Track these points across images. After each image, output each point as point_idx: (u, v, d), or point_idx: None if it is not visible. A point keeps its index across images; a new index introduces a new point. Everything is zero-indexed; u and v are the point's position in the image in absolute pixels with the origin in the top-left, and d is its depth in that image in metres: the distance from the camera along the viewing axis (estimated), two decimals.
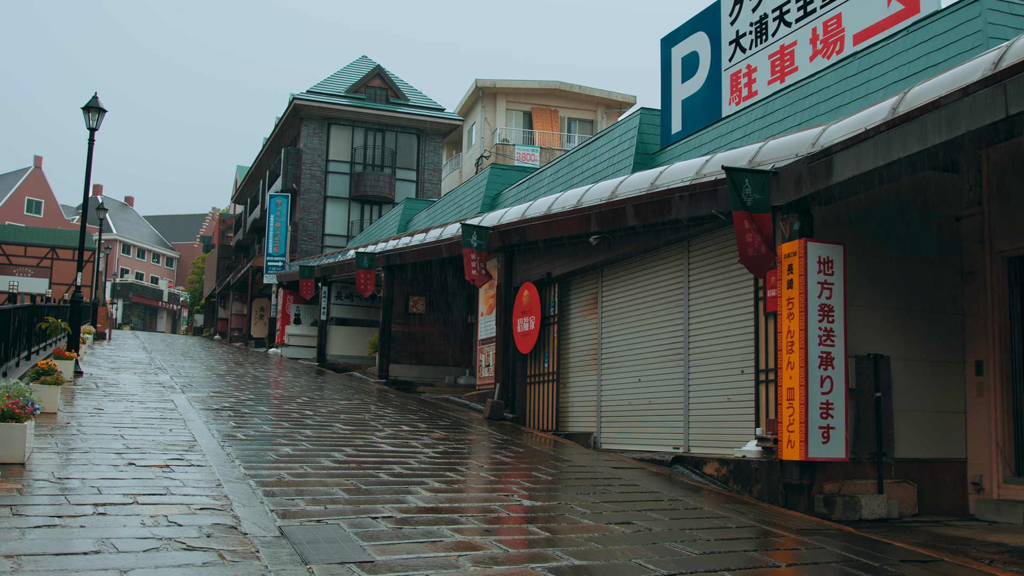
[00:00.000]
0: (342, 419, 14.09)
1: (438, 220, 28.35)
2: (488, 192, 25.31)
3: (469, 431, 14.04)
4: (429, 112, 48.27)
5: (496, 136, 50.76)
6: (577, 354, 15.44)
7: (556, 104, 52.97)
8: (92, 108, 18.42)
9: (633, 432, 13.62)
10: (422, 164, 48.15)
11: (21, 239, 55.05)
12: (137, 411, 12.99)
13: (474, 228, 16.90)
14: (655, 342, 13.33)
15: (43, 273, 54.47)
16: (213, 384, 18.40)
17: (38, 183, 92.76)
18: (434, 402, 18.59)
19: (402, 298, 24.08)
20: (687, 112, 17.68)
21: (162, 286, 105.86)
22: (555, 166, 22.34)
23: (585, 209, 13.91)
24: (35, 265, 54.47)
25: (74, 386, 15.78)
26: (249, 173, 56.84)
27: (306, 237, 44.41)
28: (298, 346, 34.21)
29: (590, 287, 15.28)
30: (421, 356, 24.11)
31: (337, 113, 45.89)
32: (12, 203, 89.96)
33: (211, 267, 64.45)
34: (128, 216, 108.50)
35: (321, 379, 22.90)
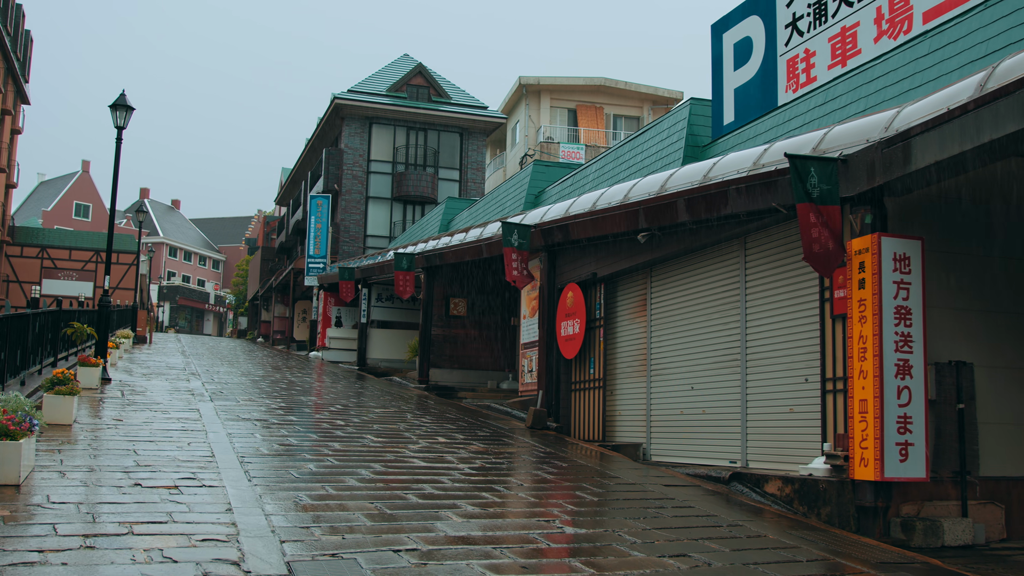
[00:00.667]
0: (375, 430, 13.30)
1: (479, 219, 27.54)
2: (531, 190, 24.43)
3: (509, 443, 13.18)
4: (472, 110, 47.52)
5: (540, 134, 49.90)
6: (625, 359, 14.52)
7: (601, 101, 51.97)
8: (120, 106, 17.84)
9: (686, 444, 12.67)
10: (465, 163, 47.42)
11: (66, 243, 55.17)
12: (158, 422, 12.30)
13: (515, 227, 16.04)
14: (709, 347, 12.37)
15: (87, 276, 54.55)
16: (245, 391, 17.72)
17: (86, 187, 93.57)
18: (474, 409, 17.76)
19: (442, 300, 23.29)
20: (740, 101, 16.66)
21: (208, 289, 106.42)
22: (600, 161, 21.41)
23: (633, 204, 12.99)
24: (80, 268, 54.56)
25: (99, 394, 15.17)
26: (291, 174, 56.52)
27: (348, 238, 43.87)
28: (339, 349, 33.59)
29: (638, 288, 14.34)
30: (462, 360, 23.31)
31: (378, 112, 45.30)
32: (61, 207, 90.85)
33: (254, 269, 64.30)
34: (175, 219, 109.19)
35: (359, 385, 22.18)
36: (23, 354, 13.22)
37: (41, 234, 55.43)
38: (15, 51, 49.94)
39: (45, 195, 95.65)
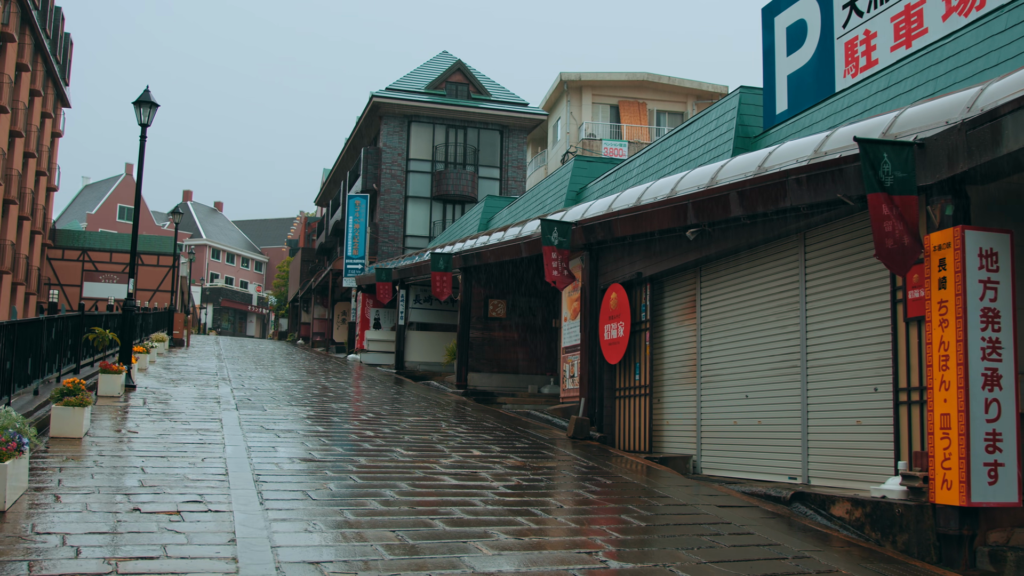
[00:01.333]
0: (406, 441, 12.48)
1: (519, 218, 26.67)
2: (572, 186, 23.53)
3: (550, 455, 12.29)
4: (512, 107, 46.68)
5: (582, 131, 48.98)
6: (673, 365, 13.57)
7: (644, 96, 50.95)
8: (143, 103, 17.22)
9: (740, 457, 11.71)
10: (505, 161, 46.59)
11: (106, 245, 55.17)
12: (176, 434, 11.58)
13: (555, 224, 15.15)
14: (765, 352, 11.40)
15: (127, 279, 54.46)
16: (274, 398, 17.01)
17: (129, 190, 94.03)
18: (513, 417, 16.90)
19: (481, 302, 22.47)
20: (794, 88, 15.63)
21: (251, 290, 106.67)
22: (644, 156, 20.46)
23: (681, 199, 12.04)
24: (120, 271, 54.49)
25: (121, 402, 14.52)
26: (331, 175, 56.08)
27: (387, 239, 43.24)
28: (377, 352, 32.90)
29: (687, 288, 13.39)
30: (501, 364, 22.47)
31: (417, 110, 44.62)
32: (105, 210, 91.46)
33: (295, 271, 64.00)
34: (217, 221, 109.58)
35: (395, 390, 21.42)
36: (36, 362, 12.57)
37: (82, 237, 55.49)
38: (54, 54, 49.95)
39: (89, 198, 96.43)
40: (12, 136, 43.29)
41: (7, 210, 43.01)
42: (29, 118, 46.47)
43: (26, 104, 45.19)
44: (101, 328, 15.78)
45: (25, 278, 46.99)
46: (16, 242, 45.26)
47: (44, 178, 51.07)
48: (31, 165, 47.61)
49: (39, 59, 47.44)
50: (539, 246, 16.64)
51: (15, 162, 43.91)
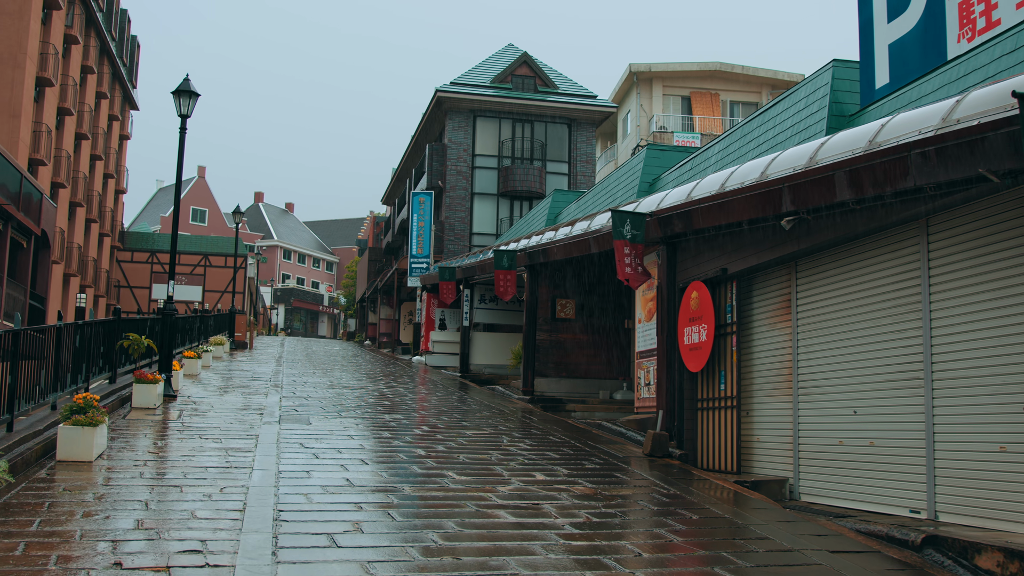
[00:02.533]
0: (461, 461, 11.04)
1: (588, 211, 25.11)
2: (644, 177, 21.89)
3: (623, 479, 10.74)
4: (580, 100, 45.09)
5: (653, 123, 47.21)
6: (764, 373, 11.91)
7: (717, 87, 49.02)
8: (183, 92, 16.08)
9: (847, 483, 10.02)
10: (574, 155, 45.02)
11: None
12: (202, 456, 10.31)
13: (627, 215, 13.58)
14: (878, 360, 9.70)
15: (196, 280, 54.19)
16: (324, 408, 15.73)
17: (202, 192, 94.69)
18: (583, 428, 15.35)
19: (548, 301, 20.96)
20: (897, 59, 13.81)
21: (322, 291, 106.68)
22: (723, 141, 18.76)
23: (773, 182, 10.39)
24: (189, 273, 54.23)
25: (154, 415, 13.35)
26: (396, 173, 55.13)
27: (453, 237, 42.01)
28: (443, 353, 31.63)
29: (780, 286, 11.72)
30: (570, 368, 20.94)
31: (483, 104, 43.31)
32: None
33: (362, 270, 63.26)
34: (288, 222, 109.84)
35: (457, 396, 20.03)
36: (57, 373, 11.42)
37: (150, 239, 55.36)
38: (121, 57, 49.75)
39: (163, 201, 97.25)
40: (78, 139, 43.05)
41: (74, 213, 42.77)
42: (96, 121, 46.26)
43: (92, 107, 44.96)
44: (136, 334, 14.64)
45: (94, 280, 46.81)
46: (84, 245, 45.06)
47: (112, 181, 50.95)
48: (98, 168, 47.45)
49: (105, 61, 47.25)
50: (610, 240, 15.09)
51: (82, 165, 43.68)
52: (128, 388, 14.50)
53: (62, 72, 39.56)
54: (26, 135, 34.74)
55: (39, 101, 36.80)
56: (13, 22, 34.55)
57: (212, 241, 56.66)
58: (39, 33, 36.21)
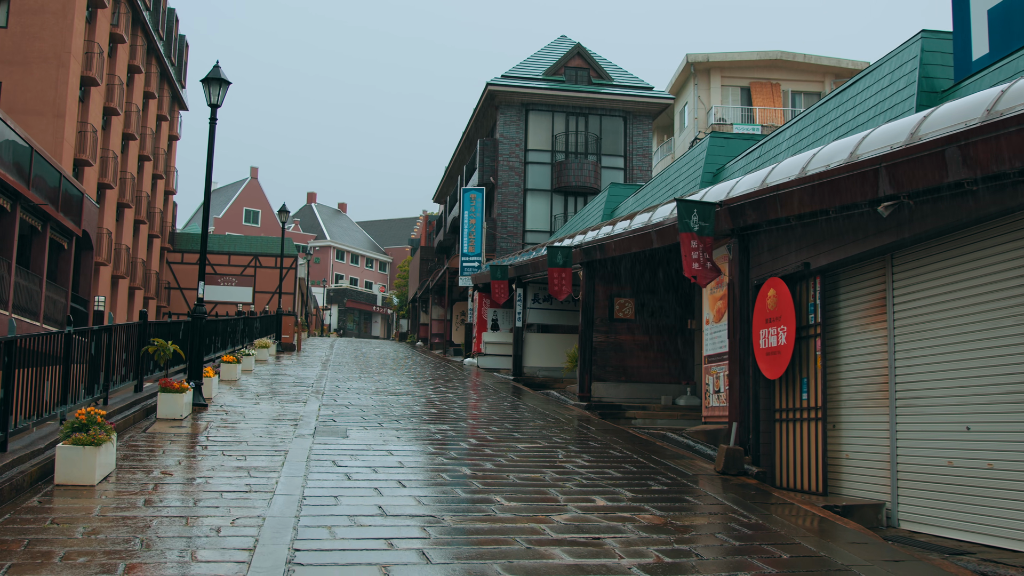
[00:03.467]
0: (511, 482, 9.80)
1: (647, 205, 23.73)
2: (708, 167, 20.47)
3: (696, 503, 9.41)
4: (636, 91, 43.58)
5: (711, 116, 45.66)
6: (854, 381, 10.50)
7: (777, 77, 47.31)
8: (213, 81, 15.04)
9: (960, 511, 8.60)
10: (630, 149, 43.54)
11: (224, 248, 54.46)
12: (220, 477, 9.20)
13: (694, 205, 12.23)
14: (997, 368, 8.27)
15: (247, 282, 53.66)
16: (365, 418, 14.59)
17: (255, 193, 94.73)
18: (646, 440, 14.02)
19: (605, 300, 19.65)
20: (998, 26, 12.26)
21: (375, 291, 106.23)
22: (795, 126, 17.31)
23: (868, 162, 9.00)
24: (239, 274, 53.72)
25: (178, 428, 12.30)
26: (448, 170, 54.11)
27: (505, 234, 40.81)
28: (495, 355, 30.45)
29: (873, 282, 10.31)
30: (629, 372, 19.60)
31: (535, 98, 42.02)
32: (231, 214, 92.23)
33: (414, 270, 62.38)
34: (341, 222, 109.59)
35: (510, 403, 18.80)
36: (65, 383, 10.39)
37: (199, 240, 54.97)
38: (169, 56, 49.32)
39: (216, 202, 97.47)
40: (126, 139, 42.61)
41: (122, 214, 42.33)
42: (144, 121, 45.84)
43: (140, 107, 44.53)
44: (162, 339, 13.62)
45: (144, 283, 46.40)
46: (133, 247, 44.65)
47: (161, 182, 50.56)
48: (147, 169, 47.03)
49: (152, 61, 46.81)
50: (674, 234, 13.76)
51: (130, 166, 43.24)
52: (155, 397, 13.49)
53: (108, 71, 39.08)
54: (71, 135, 34.24)
55: (84, 101, 36.32)
56: (56, 20, 34.05)
57: (262, 241, 56.08)
58: (83, 32, 35.71)
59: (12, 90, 33.53)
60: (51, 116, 33.60)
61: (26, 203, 23.23)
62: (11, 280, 22.29)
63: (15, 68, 33.67)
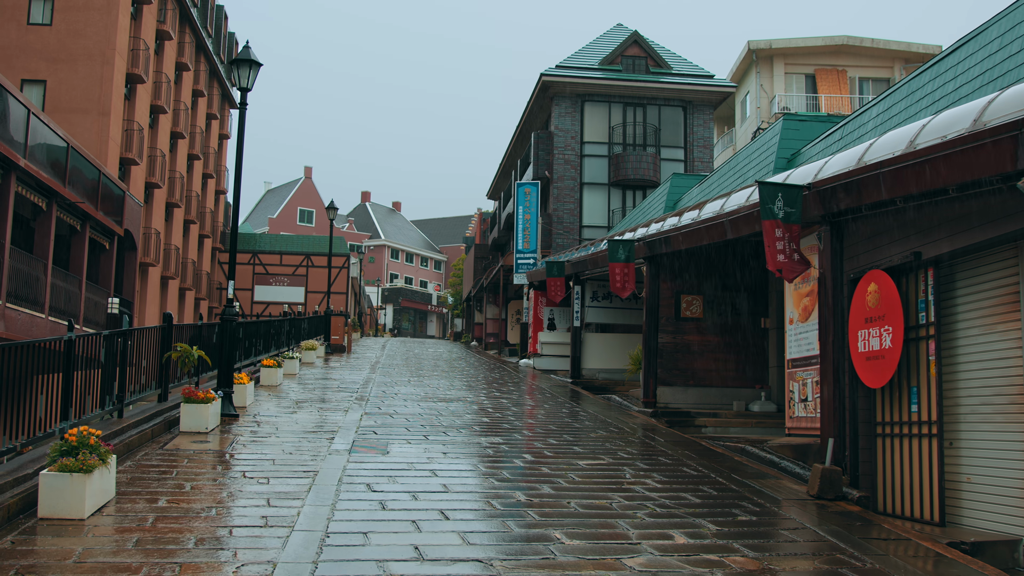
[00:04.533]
0: (572, 512, 8.38)
1: (714, 194, 22.13)
2: (781, 152, 18.83)
3: (793, 539, 7.90)
4: (696, 80, 41.83)
5: (774, 105, 43.76)
6: (978, 391, 8.90)
7: (844, 63, 45.27)
8: (242, 62, 13.82)
9: None
10: (690, 140, 41.80)
11: (276, 247, 53.73)
12: (237, 505, 7.93)
13: (778, 189, 10.69)
14: None
15: (299, 282, 52.86)
16: (410, 428, 13.27)
17: (309, 193, 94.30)
18: (722, 454, 12.50)
19: (671, 298, 18.13)
20: None
21: (430, 290, 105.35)
22: (883, 103, 15.64)
23: (1001, 130, 7.42)
24: (290, 274, 52.95)
25: (201, 443, 11.08)
26: (501, 165, 52.77)
27: (561, 230, 39.34)
28: (552, 356, 29.03)
29: (1001, 273, 8.70)
30: (698, 375, 18.06)
31: (591, 88, 40.50)
32: (285, 214, 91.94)
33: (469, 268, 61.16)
34: (396, 221, 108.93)
35: (569, 409, 17.38)
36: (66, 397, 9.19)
37: (251, 239, 54.24)
38: (218, 54, 48.66)
39: (271, 202, 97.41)
40: (174, 138, 41.94)
41: (171, 214, 41.66)
42: (193, 119, 45.18)
43: (188, 105, 43.84)
44: (186, 344, 12.40)
45: (194, 283, 45.76)
46: (183, 247, 44.00)
47: (212, 181, 49.91)
48: (197, 168, 46.39)
49: (201, 59, 46.14)
50: (752, 222, 12.23)
51: (179, 164, 42.57)
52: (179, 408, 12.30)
53: (155, 69, 38.37)
54: (116, 133, 33.49)
55: (130, 99, 35.59)
56: (100, 16, 33.32)
57: (314, 241, 55.22)
58: (128, 28, 34.96)
59: (57, 88, 32.88)
60: (96, 114, 32.88)
61: (63, 201, 22.35)
62: (47, 281, 21.40)
63: (60, 66, 33.02)
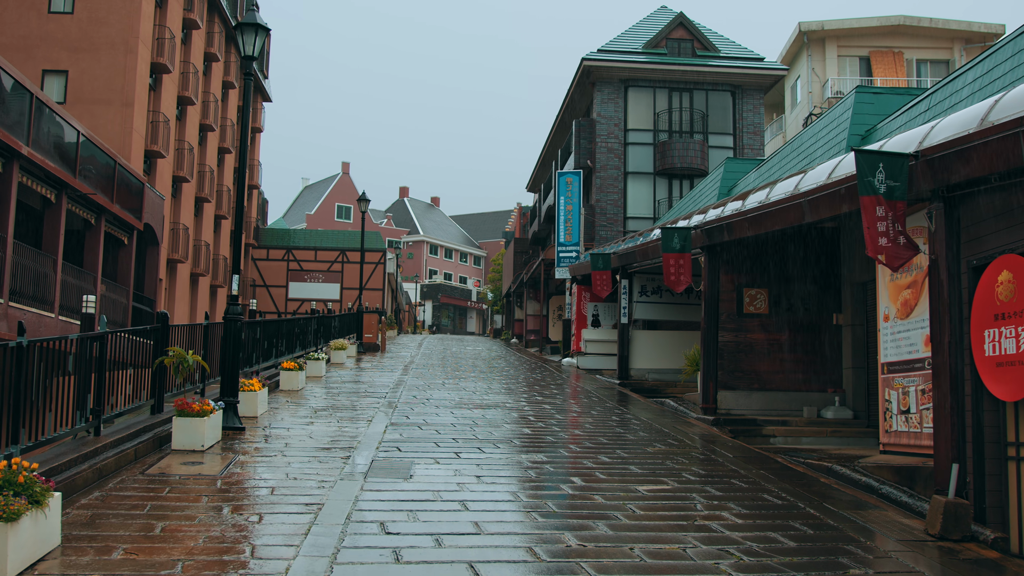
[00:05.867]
0: (638, 561, 6.61)
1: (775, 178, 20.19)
2: (855, 128, 16.86)
3: None
4: (745, 63, 39.75)
5: (827, 89, 41.54)
6: None
7: (900, 45, 42.93)
8: (247, 26, 12.25)
9: None
10: (739, 127, 39.73)
11: (310, 243, 52.33)
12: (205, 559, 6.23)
13: (880, 158, 8.81)
14: None
15: (334, 278, 51.44)
16: (443, 443, 11.55)
17: (346, 189, 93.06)
18: (804, 474, 10.64)
19: (732, 292, 16.26)
20: None
21: (470, 286, 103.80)
22: (979, 66, 13.67)
23: None
24: (325, 270, 51.53)
25: (193, 463, 9.43)
26: (541, 156, 50.93)
27: (605, 222, 37.46)
28: (597, 354, 27.26)
29: None
30: (763, 378, 16.17)
31: (634, 73, 38.55)
32: (323, 210, 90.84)
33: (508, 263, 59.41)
34: (434, 216, 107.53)
35: (618, 416, 15.59)
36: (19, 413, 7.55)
37: (286, 235, 52.91)
38: None
39: (309, 199, 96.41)
40: (203, 130, 40.60)
41: (201, 208, 40.33)
42: (223, 112, 43.85)
43: (218, 97, 42.49)
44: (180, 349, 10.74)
45: (227, 279, 44.45)
46: (213, 243, 42.69)
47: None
48: (228, 161, 45.05)
49: (231, 49, 44.75)
50: (839, 202, 10.37)
51: (208, 158, 41.22)
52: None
53: (182, 59, 37.01)
54: (141, 125, 32.12)
55: (156, 89, 34.23)
56: (123, 4, 31.94)
57: (350, 236, 53.75)
58: (153, 16, 33.58)
59: (79, 78, 31.58)
60: (119, 105, 31.52)
61: (74, 193, 20.90)
62: (57, 278, 19.97)
63: (82, 55, 31.71)
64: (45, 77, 31.65)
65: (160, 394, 11.15)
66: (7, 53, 31.15)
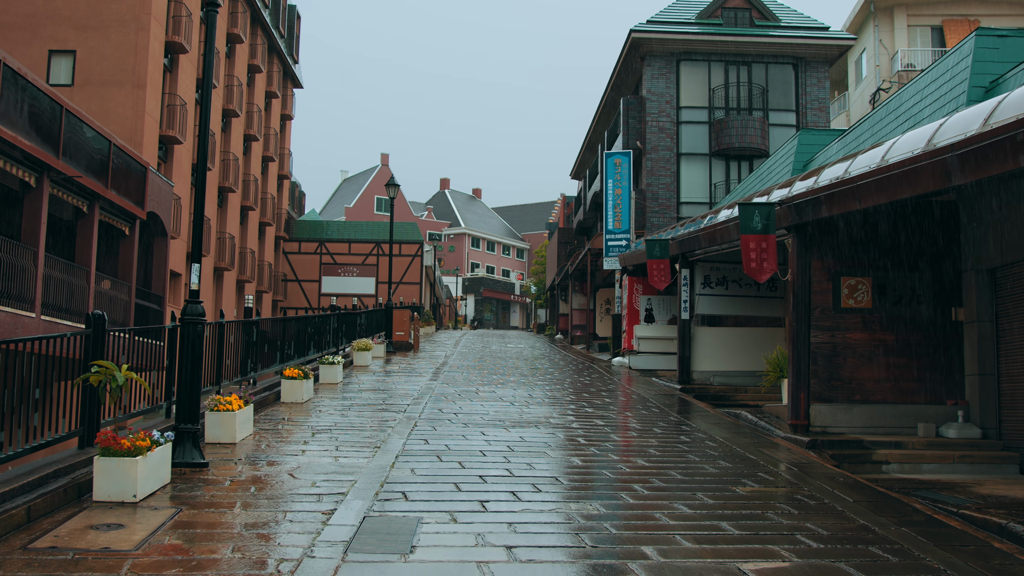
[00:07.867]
0: None
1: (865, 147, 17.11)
2: (975, 80, 13.77)
3: None
4: (809, 32, 36.49)
5: (896, 62, 38.16)
6: None
7: (975, 12, 39.40)
8: None
9: None
10: (802, 102, 36.47)
11: (344, 235, 49.83)
12: None
13: None
14: None
15: (369, 272, 48.88)
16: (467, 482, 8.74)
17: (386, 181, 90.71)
18: (960, 531, 7.69)
19: (827, 281, 13.26)
20: None
21: (512, 279, 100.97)
22: None
23: None
24: (360, 263, 48.99)
25: (113, 526, 6.71)
26: (586, 140, 47.94)
27: (656, 207, 34.47)
28: (651, 353, 24.30)
29: None
30: (866, 388, 13.16)
31: (687, 46, 35.48)
32: (362, 202, 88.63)
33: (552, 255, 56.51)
34: (476, 209, 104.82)
35: (687, 433, 12.69)
36: None
37: (318, 227, 50.44)
38: (277, 27, 44.75)
39: (348, 191, 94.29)
40: (227, 116, 38.19)
41: (225, 199, 37.95)
42: (249, 97, 41.40)
43: (243, 80, 40.03)
44: (110, 362, 8.01)
45: (255, 275, 42.07)
46: (240, 236, 40.30)
47: (273, 165, 46.11)
48: (255, 150, 42.61)
49: (258, 31, 42.30)
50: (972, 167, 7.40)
51: (233, 146, 38.81)
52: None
53: (200, 38, 34.55)
54: (155, 108, 29.66)
55: (172, 70, 31.81)
56: None
57: (386, 228, 51.14)
58: None
59: (88, 58, 29.20)
60: (131, 87, 29.10)
61: (58, 176, 18.38)
62: (38, 273, 17.46)
63: (90, 34, 29.33)
64: (52, 58, 29.33)
65: (89, 423, 8.43)
66: (11, 32, 28.87)
